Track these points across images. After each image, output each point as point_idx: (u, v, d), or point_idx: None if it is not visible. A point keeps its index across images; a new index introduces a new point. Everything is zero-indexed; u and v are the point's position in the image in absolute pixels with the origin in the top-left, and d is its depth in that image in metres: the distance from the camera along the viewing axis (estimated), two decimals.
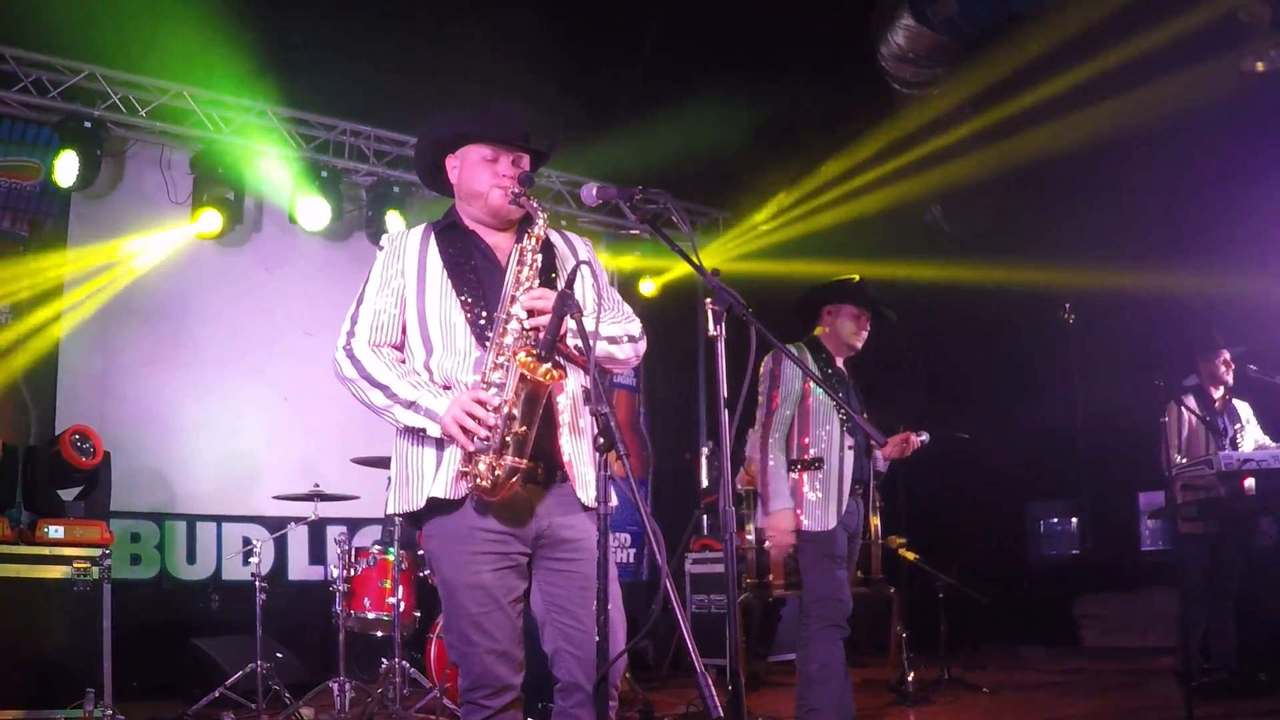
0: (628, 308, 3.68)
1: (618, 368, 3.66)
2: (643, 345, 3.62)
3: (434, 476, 3.33)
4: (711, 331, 3.15)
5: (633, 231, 11.24)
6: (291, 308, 9.48)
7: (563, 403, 3.38)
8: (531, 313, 3.31)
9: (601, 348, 3.38)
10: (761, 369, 5.39)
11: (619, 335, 3.52)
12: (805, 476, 5.28)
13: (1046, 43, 8.97)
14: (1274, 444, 7.37)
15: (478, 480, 3.20)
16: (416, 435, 3.36)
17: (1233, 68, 8.66)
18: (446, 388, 3.35)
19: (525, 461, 3.21)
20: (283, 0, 8.57)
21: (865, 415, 5.39)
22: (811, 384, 5.26)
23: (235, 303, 9.32)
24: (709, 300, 3.17)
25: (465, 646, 3.31)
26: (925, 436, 5.69)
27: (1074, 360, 9.93)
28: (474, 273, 3.47)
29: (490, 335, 3.34)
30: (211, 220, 8.95)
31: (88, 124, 8.31)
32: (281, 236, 9.65)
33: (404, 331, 3.49)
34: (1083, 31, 8.76)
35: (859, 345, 5.52)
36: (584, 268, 3.38)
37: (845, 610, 5.21)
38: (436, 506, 3.33)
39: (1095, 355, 9.68)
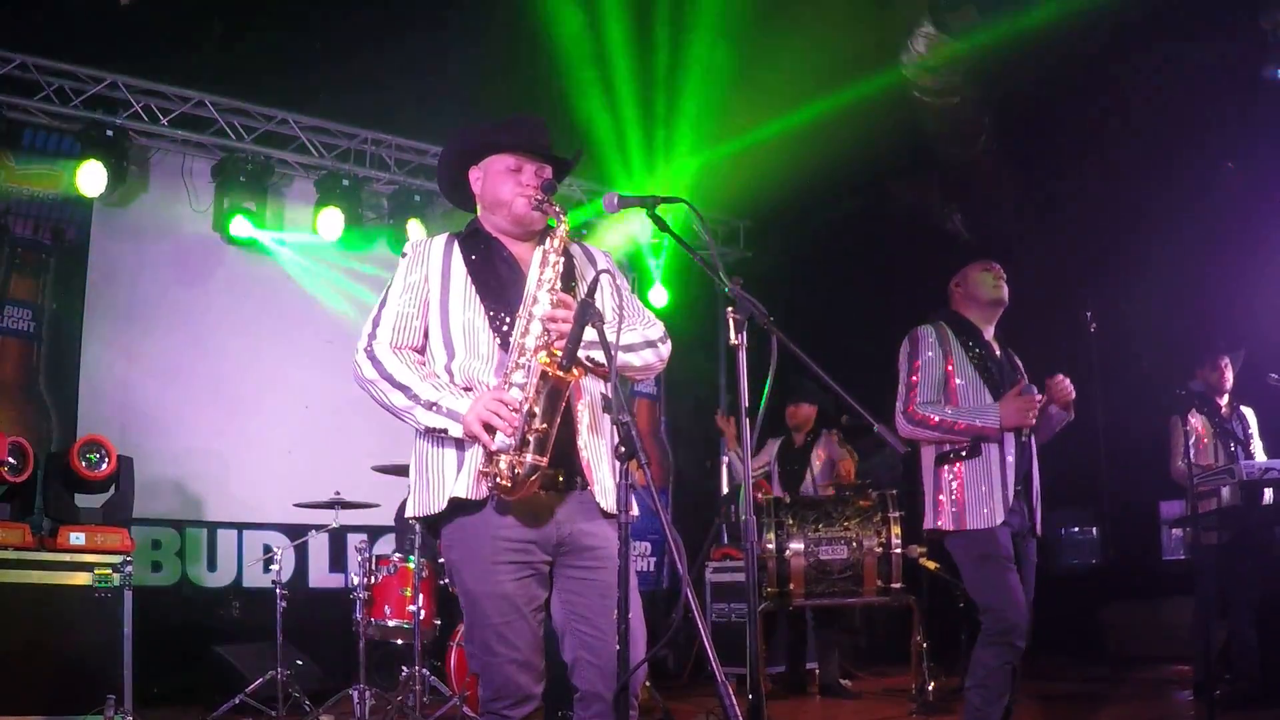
0: (649, 313, 3.66)
1: (639, 374, 3.65)
2: (665, 349, 3.61)
3: (455, 477, 3.30)
4: (733, 340, 3.14)
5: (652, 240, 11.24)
6: (312, 316, 9.50)
7: (582, 409, 3.37)
8: (553, 320, 3.30)
9: (620, 357, 3.36)
10: (900, 354, 4.93)
11: (637, 343, 3.52)
12: (962, 468, 4.74)
13: (1065, 52, 8.95)
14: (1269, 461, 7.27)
15: (498, 479, 3.17)
16: (437, 437, 3.34)
17: (1254, 75, 8.62)
18: (468, 389, 3.34)
19: (546, 461, 3.18)
20: (302, 6, 8.58)
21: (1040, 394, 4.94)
22: (955, 362, 4.82)
23: (256, 311, 9.34)
24: (730, 309, 3.16)
25: (488, 656, 3.29)
26: (1067, 386, 5.05)
27: (1095, 368, 9.87)
28: (497, 279, 3.46)
29: (512, 338, 3.34)
30: (232, 228, 8.99)
31: (109, 132, 8.35)
32: (303, 244, 9.67)
33: (425, 335, 3.48)
34: (1103, 40, 8.74)
35: (1004, 296, 4.99)
36: (604, 277, 3.35)
37: (1019, 619, 4.60)
38: (458, 509, 3.31)
39: (1116, 363, 9.64)
